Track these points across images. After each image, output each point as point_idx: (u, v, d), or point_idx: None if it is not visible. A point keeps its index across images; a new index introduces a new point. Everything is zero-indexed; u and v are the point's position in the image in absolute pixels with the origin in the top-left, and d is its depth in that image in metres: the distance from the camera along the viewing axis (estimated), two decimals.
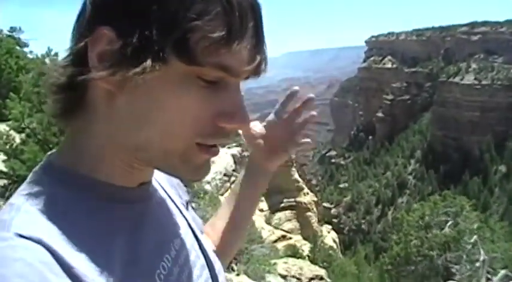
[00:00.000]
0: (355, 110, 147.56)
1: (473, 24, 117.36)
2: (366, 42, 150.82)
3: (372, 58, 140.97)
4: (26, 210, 0.64)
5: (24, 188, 0.70)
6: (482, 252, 13.41)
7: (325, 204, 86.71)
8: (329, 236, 40.50)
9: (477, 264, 13.20)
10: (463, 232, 14.26)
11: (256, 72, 0.73)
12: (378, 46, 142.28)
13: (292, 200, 38.10)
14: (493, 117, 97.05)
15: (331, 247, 36.82)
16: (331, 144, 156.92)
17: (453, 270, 13.88)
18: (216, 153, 0.75)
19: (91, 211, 0.70)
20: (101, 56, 0.66)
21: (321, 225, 42.10)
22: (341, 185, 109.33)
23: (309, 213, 38.82)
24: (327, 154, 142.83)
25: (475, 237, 13.98)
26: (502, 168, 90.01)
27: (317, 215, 40.89)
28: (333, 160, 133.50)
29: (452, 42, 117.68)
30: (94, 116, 0.72)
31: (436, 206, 15.58)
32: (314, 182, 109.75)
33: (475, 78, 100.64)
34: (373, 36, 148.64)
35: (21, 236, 0.60)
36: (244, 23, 0.68)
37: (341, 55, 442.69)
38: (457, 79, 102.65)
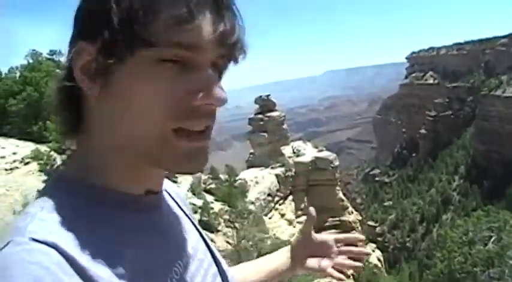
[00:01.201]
0: (398, 127, 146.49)
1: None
2: (406, 58, 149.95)
3: (413, 74, 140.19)
4: (40, 218, 0.67)
5: (37, 199, 0.73)
6: None
7: (369, 222, 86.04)
8: (374, 255, 40.53)
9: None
10: (506, 247, 14.08)
11: (224, 45, 0.73)
12: (419, 62, 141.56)
13: (337, 219, 38.47)
14: None
15: (375, 266, 37.01)
16: (374, 162, 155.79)
17: None
18: (201, 140, 0.75)
19: (101, 218, 0.73)
20: (83, 69, 0.71)
21: (366, 243, 42.04)
22: (385, 203, 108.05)
23: (353, 232, 39.06)
24: (371, 172, 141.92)
25: None
26: None
27: (362, 234, 41.12)
28: (376, 178, 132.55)
29: (492, 55, 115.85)
30: (92, 127, 0.76)
31: (479, 221, 15.62)
32: (358, 200, 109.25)
33: None
34: (413, 52, 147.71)
35: (36, 240, 0.63)
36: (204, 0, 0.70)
37: (381, 72, 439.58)
38: (498, 92, 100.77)
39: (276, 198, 36.19)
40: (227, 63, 0.79)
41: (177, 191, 1.04)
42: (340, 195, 40.18)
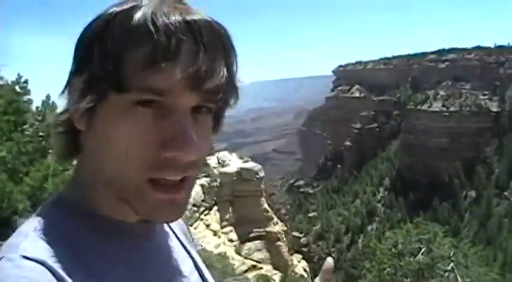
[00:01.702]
0: (323, 139, 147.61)
1: (440, 52, 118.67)
2: (333, 72, 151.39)
3: (339, 87, 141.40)
4: (32, 237, 0.69)
5: (33, 219, 0.75)
6: (459, 278, 13.23)
7: (294, 233, 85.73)
8: (299, 265, 39.76)
9: None
10: (436, 259, 14.01)
11: (198, 90, 0.70)
12: (345, 75, 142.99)
13: (262, 230, 37.33)
14: (462, 143, 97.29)
15: (301, 276, 36.15)
16: (299, 173, 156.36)
17: None
18: (175, 192, 0.72)
19: (91, 241, 0.73)
20: (74, 102, 0.73)
21: (291, 254, 41.30)
22: (310, 214, 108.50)
23: (279, 243, 37.98)
24: (295, 183, 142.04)
25: (451, 264, 13.68)
26: (472, 193, 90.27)
27: (287, 245, 40.16)
28: (301, 189, 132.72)
29: (419, 70, 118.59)
30: (83, 158, 0.79)
31: (408, 234, 15.26)
32: (283, 211, 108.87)
33: (443, 105, 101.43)
34: (340, 66, 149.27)
35: (26, 257, 0.65)
36: (174, 42, 0.67)
37: (305, 84, 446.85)
38: (425, 106, 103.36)
39: (201, 209, 35.14)
40: (221, 108, 0.78)
41: (179, 223, 1.03)
42: (265, 206, 39.40)
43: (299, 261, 41.50)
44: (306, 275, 38.75)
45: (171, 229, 0.96)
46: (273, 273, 32.13)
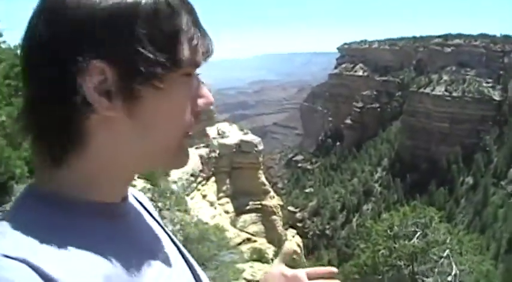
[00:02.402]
0: (324, 115, 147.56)
1: (446, 36, 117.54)
2: (338, 49, 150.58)
3: (343, 65, 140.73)
4: (10, 234, 0.67)
5: (9, 214, 0.73)
6: (454, 266, 13.20)
7: (290, 208, 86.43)
8: (293, 240, 40.12)
9: (449, 278, 12.91)
10: (431, 244, 13.96)
11: (206, 59, 0.81)
12: (350, 53, 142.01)
13: (258, 202, 37.71)
14: (462, 129, 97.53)
15: (295, 251, 36.43)
16: (298, 148, 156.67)
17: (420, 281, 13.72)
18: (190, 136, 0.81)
19: (75, 229, 0.73)
20: (97, 89, 0.70)
21: (286, 229, 41.69)
22: (307, 190, 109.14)
23: (274, 217, 38.38)
24: (294, 158, 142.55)
25: (447, 251, 13.71)
26: (469, 180, 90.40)
27: (282, 219, 40.53)
28: (299, 164, 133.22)
29: (425, 53, 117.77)
30: (92, 146, 0.75)
31: (405, 217, 15.22)
32: (280, 185, 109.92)
33: (446, 90, 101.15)
34: (345, 43, 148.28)
35: (7, 256, 0.63)
36: (197, 19, 0.78)
37: (313, 60, 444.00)
38: (428, 90, 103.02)
39: (199, 179, 35.34)
40: None
41: (142, 196, 1.05)
42: (263, 179, 39.74)
43: (293, 236, 41.89)
44: (299, 250, 39.25)
45: (140, 204, 0.98)
46: (267, 247, 32.44)
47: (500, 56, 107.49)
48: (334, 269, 1.19)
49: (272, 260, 27.07)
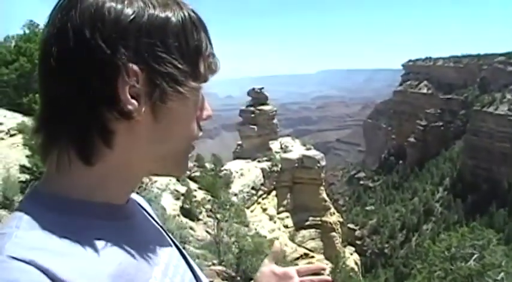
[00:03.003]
0: (388, 133, 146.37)
1: (510, 54, 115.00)
2: (402, 65, 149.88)
3: (408, 82, 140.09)
4: (16, 236, 0.68)
5: (16, 212, 0.75)
6: None
7: (350, 225, 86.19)
8: (351, 258, 40.73)
9: None
10: (487, 266, 14.17)
11: (213, 75, 0.86)
12: (414, 70, 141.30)
13: (318, 218, 38.39)
14: None
15: (352, 269, 37.01)
16: (360, 165, 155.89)
17: None
18: None
19: (82, 230, 0.74)
20: (131, 92, 0.75)
21: (344, 246, 42.02)
22: (367, 207, 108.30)
23: (333, 233, 39.01)
24: (356, 175, 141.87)
25: (501, 274, 13.95)
26: None
27: (341, 236, 40.87)
28: (361, 182, 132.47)
29: (488, 71, 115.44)
30: (115, 148, 0.78)
31: (463, 238, 15.57)
32: (341, 202, 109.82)
33: (509, 109, 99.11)
34: (410, 60, 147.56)
35: (14, 258, 0.64)
36: (210, 38, 0.83)
37: (376, 77, 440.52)
38: (491, 109, 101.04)
39: (260, 192, 36.12)
40: None
41: (140, 199, 1.07)
42: (324, 195, 40.09)
43: (351, 254, 42.18)
44: (356, 268, 39.50)
45: (141, 207, 1.01)
46: (324, 263, 32.62)
47: None
48: (324, 265, 1.28)
49: (328, 275, 27.73)
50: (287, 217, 38.55)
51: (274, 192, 38.23)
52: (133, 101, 0.74)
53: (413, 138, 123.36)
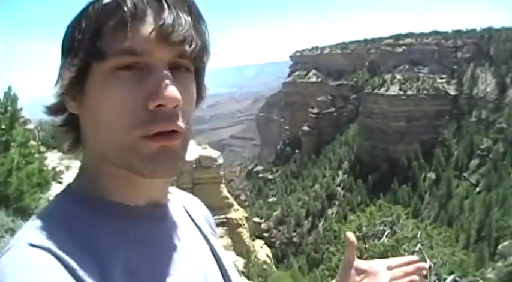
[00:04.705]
0: (281, 124, 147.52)
1: (397, 36, 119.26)
2: (290, 57, 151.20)
3: (296, 73, 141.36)
4: (39, 225, 0.74)
5: (42, 210, 0.80)
6: (427, 259, 12.66)
7: (255, 219, 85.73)
8: (262, 251, 39.62)
9: (423, 271, 12.56)
10: (401, 240, 14.03)
11: (170, 43, 0.75)
12: (302, 60, 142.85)
13: (223, 216, 36.93)
14: (420, 126, 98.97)
15: (265, 262, 35.99)
16: (257, 159, 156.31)
17: None
18: (167, 140, 0.76)
19: (96, 226, 0.77)
20: (63, 88, 0.79)
21: (253, 240, 41.11)
22: (270, 200, 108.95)
23: (240, 229, 37.68)
24: (254, 169, 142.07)
25: (418, 246, 13.57)
26: (432, 175, 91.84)
27: (248, 231, 39.94)
28: (260, 175, 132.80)
29: (377, 55, 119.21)
30: (83, 141, 0.84)
31: (372, 216, 15.29)
32: (243, 197, 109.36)
33: (400, 89, 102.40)
34: (297, 51, 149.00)
35: (32, 245, 0.69)
36: (140, 5, 0.75)
37: (265, 70, 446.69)
38: (382, 90, 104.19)
39: None
40: (199, 63, 0.82)
41: (200, 209, 1.09)
42: (225, 192, 39.16)
43: (261, 247, 41.39)
44: (268, 260, 38.66)
45: (189, 215, 1.01)
46: (236, 260, 31.81)
47: (452, 51, 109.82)
48: (424, 265, 1.20)
49: (243, 272, 26.53)
50: None
51: None
52: (65, 95, 0.79)
53: (307, 126, 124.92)
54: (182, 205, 1.00)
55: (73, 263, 0.69)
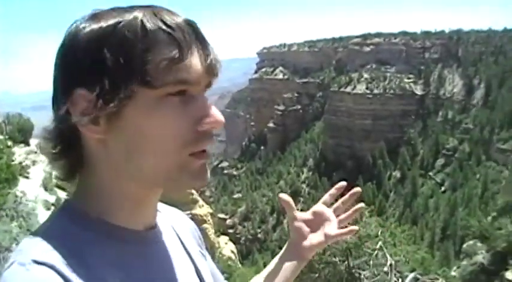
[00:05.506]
0: (247, 120, 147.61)
1: (365, 36, 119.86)
2: (257, 53, 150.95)
3: (263, 69, 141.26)
4: (42, 242, 0.75)
5: (44, 223, 0.82)
6: (389, 257, 12.95)
7: (220, 215, 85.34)
8: (227, 247, 39.40)
9: (385, 268, 12.66)
10: (364, 238, 13.14)
11: (212, 74, 0.82)
12: (269, 57, 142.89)
13: (188, 212, 36.59)
14: (385, 125, 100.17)
15: (229, 258, 35.76)
16: (223, 155, 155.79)
17: (357, 275, 13.42)
18: (208, 156, 0.83)
19: (97, 248, 0.79)
20: (83, 114, 0.76)
21: (218, 236, 40.88)
22: (235, 196, 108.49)
23: (205, 225, 37.33)
24: (219, 165, 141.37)
25: (380, 243, 13.15)
26: (397, 173, 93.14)
27: (213, 227, 39.66)
28: (225, 171, 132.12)
29: (344, 53, 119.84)
30: (96, 166, 0.83)
31: None
32: (208, 193, 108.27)
33: (367, 88, 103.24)
34: (264, 48, 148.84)
35: (36, 262, 0.71)
36: (188, 38, 0.78)
37: (231, 66, 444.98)
38: (348, 89, 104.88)
39: None
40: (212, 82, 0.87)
41: (188, 227, 1.12)
42: None
43: (226, 243, 41.16)
44: (233, 257, 38.49)
45: (177, 234, 1.03)
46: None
47: (420, 52, 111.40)
48: (357, 189, 1.29)
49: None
50: None
51: None
52: (89, 122, 0.77)
53: (272, 123, 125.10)
54: (171, 226, 1.02)
55: (76, 281, 0.71)
